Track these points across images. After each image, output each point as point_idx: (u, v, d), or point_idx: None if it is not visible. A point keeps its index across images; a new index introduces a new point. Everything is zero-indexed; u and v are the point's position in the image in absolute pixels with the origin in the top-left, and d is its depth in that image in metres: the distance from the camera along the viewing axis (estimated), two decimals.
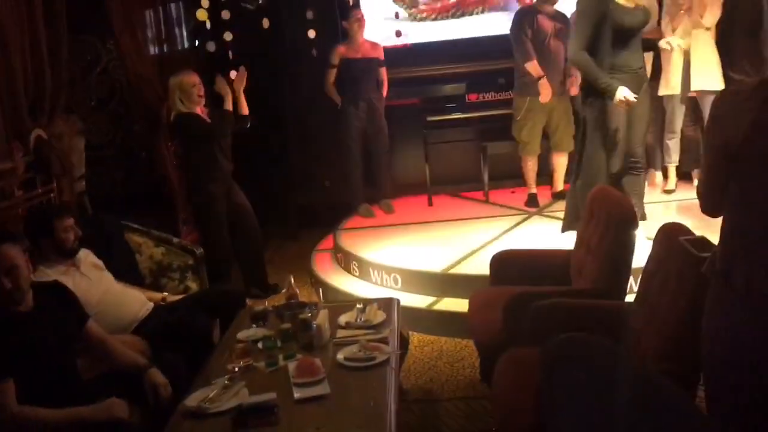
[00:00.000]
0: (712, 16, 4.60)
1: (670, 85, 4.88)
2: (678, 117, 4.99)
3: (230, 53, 4.81)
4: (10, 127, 3.51)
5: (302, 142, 6.14)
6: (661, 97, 4.96)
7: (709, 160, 1.82)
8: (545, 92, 4.93)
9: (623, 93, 3.74)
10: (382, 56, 5.38)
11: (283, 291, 3.68)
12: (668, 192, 5.17)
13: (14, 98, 3.53)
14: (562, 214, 4.86)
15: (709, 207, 1.86)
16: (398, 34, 5.56)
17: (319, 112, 5.67)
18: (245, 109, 4.44)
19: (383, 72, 5.41)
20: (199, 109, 4.29)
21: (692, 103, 4.98)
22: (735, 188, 1.74)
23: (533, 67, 4.94)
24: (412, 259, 4.38)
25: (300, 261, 5.18)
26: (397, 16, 5.74)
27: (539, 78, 4.92)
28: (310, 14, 4.99)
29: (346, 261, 4.75)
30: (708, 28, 4.65)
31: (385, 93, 5.46)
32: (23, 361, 2.31)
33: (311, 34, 4.99)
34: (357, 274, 4.59)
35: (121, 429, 2.34)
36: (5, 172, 3.45)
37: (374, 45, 5.39)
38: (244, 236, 4.59)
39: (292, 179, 6.19)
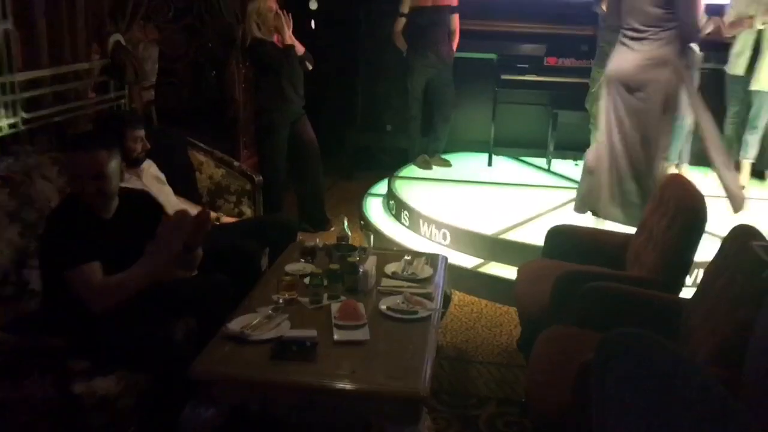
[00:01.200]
0: None
1: (761, 80, 4.67)
2: (764, 113, 4.77)
3: None
4: (92, 29, 3.54)
5: (371, 84, 6.07)
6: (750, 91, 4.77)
7: None
8: None
9: None
10: (455, 2, 5.19)
11: (333, 229, 3.68)
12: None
13: (97, 2, 3.56)
14: None
15: None
16: None
17: (391, 55, 5.57)
18: (299, 49, 4.37)
19: (455, 20, 5.22)
20: (276, 38, 4.27)
21: None
22: None
23: None
24: (463, 217, 4.34)
25: (352, 201, 5.19)
26: None
27: None
28: None
29: (397, 209, 4.74)
30: None
31: (456, 43, 5.29)
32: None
33: None
34: (407, 224, 4.58)
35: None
36: (81, 72, 3.50)
37: None
38: (306, 170, 4.62)
39: (356, 119, 6.16)
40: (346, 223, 3.11)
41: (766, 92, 4.70)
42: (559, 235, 3.29)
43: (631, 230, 3.17)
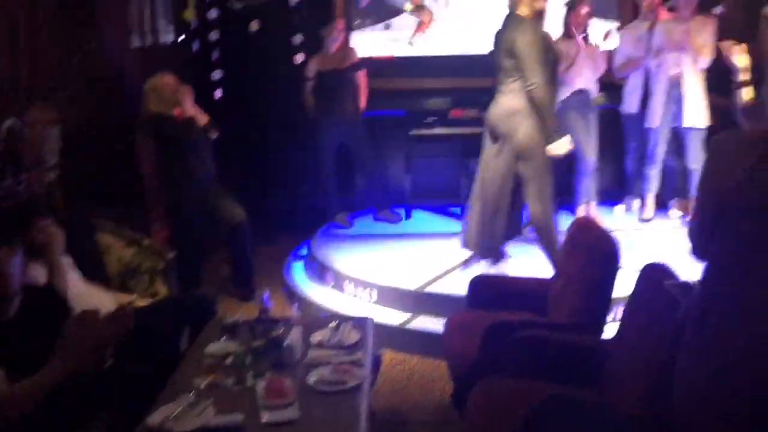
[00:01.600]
0: (708, 58, 4.73)
1: (653, 117, 4.96)
2: (661, 148, 5.02)
3: (215, 53, 4.70)
4: None
5: (284, 146, 6.05)
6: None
7: (701, 203, 1.79)
8: None
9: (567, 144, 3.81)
10: (357, 59, 5.35)
11: (256, 302, 3.59)
12: (646, 221, 5.19)
13: None
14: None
15: (698, 250, 1.83)
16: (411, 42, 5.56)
17: (301, 116, 5.61)
18: (202, 120, 4.36)
19: (362, 76, 5.36)
20: (177, 111, 4.22)
21: (673, 133, 5.05)
22: (721, 234, 1.72)
23: None
24: (388, 273, 4.33)
25: (274, 267, 5.09)
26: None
27: None
28: (296, 20, 4.90)
29: (320, 271, 4.68)
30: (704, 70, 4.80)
31: (364, 100, 5.41)
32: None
33: (297, 39, 4.92)
34: (331, 284, 4.53)
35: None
36: None
37: (350, 52, 5.36)
38: (229, 239, 4.52)
39: (272, 182, 6.11)
40: (268, 295, 3.02)
41: (660, 128, 4.97)
42: (481, 285, 3.33)
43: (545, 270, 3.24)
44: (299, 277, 4.83)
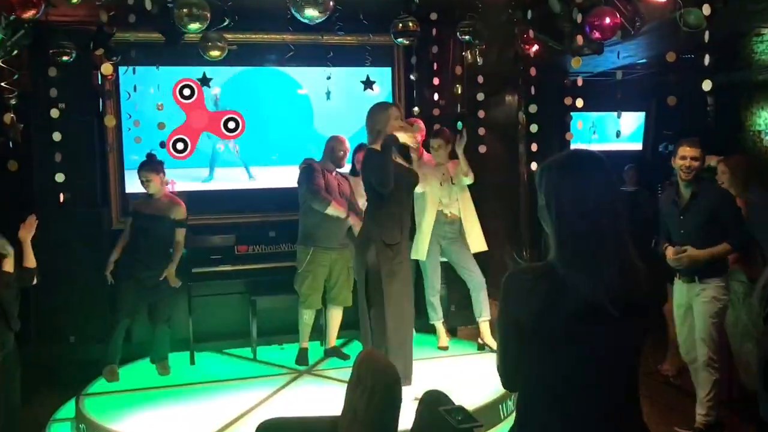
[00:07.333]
0: (469, 178, 5.05)
1: (419, 251, 5.10)
2: (437, 275, 5.23)
3: None
4: None
5: (47, 291, 5.41)
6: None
7: (503, 337, 1.83)
8: (357, 223, 4.84)
9: None
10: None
11: None
12: (443, 348, 5.25)
13: None
14: (332, 372, 4.78)
15: (508, 383, 1.88)
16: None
17: (68, 258, 5.13)
18: (31, 262, 3.95)
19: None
20: None
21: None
22: (527, 364, 1.77)
23: (336, 208, 4.84)
24: (169, 428, 3.90)
25: None
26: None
27: (347, 216, 4.92)
28: (58, 157, 4.57)
29: None
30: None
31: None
32: None
33: (59, 178, 4.57)
34: None
35: None
36: None
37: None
38: None
39: (30, 331, 5.37)
40: None
41: (427, 260, 5.15)
42: (271, 430, 3.09)
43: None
44: None
